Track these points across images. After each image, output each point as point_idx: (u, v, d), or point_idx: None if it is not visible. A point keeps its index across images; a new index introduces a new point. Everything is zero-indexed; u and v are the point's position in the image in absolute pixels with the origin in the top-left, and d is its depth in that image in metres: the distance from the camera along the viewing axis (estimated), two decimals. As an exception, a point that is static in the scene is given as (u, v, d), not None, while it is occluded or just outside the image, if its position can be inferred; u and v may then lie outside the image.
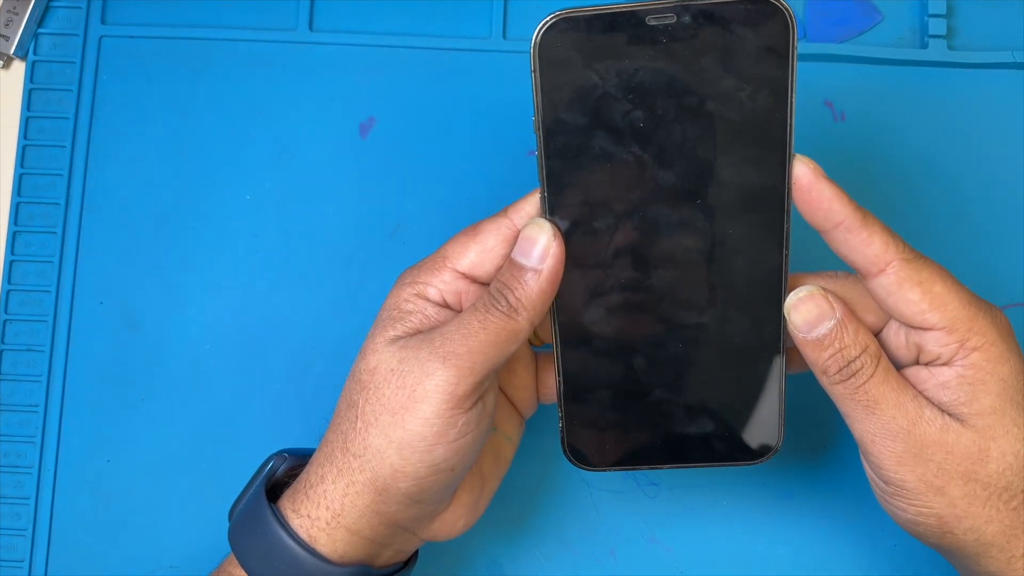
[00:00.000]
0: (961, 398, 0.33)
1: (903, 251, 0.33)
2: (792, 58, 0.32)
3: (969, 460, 0.33)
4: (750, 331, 0.35)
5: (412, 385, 0.33)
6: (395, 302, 0.36)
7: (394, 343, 0.35)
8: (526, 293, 0.33)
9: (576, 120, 0.33)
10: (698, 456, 0.37)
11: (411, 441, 0.33)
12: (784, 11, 0.31)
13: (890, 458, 0.33)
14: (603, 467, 0.37)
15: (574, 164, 0.33)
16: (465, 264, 0.35)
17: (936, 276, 0.33)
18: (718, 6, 0.31)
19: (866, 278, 0.34)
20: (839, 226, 0.33)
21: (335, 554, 0.35)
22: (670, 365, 0.36)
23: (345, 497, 0.35)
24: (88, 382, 0.46)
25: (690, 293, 0.35)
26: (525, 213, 0.35)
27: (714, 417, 0.36)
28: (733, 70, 0.32)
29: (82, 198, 0.47)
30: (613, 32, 0.32)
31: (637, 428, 0.37)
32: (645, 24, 0.31)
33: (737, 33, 0.31)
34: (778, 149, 0.33)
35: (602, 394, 0.36)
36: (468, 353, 0.33)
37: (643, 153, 0.33)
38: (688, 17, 0.31)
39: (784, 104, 0.32)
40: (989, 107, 0.47)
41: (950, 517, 0.33)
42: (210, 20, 0.48)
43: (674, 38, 0.31)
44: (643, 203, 0.34)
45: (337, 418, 0.36)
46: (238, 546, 0.36)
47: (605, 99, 0.32)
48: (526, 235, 0.34)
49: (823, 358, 0.34)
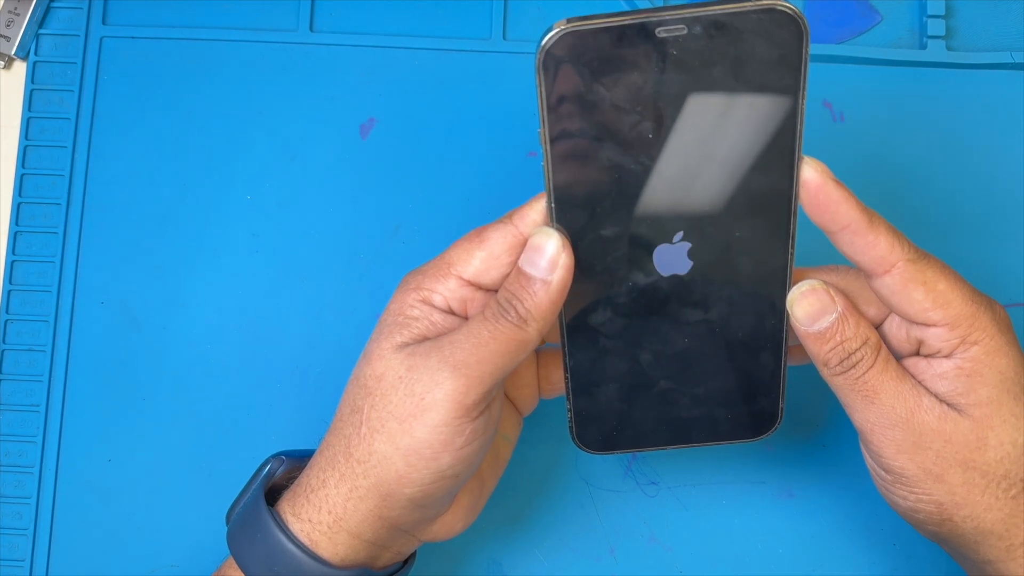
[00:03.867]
0: (959, 388, 0.34)
1: (908, 251, 0.33)
2: (804, 66, 0.31)
3: (967, 448, 0.33)
4: (754, 324, 0.36)
5: (421, 393, 0.33)
6: (400, 308, 0.35)
7: (402, 350, 0.34)
8: (535, 303, 0.33)
9: (583, 131, 0.32)
10: (701, 436, 0.38)
11: (418, 448, 0.33)
12: (798, 20, 0.30)
13: (890, 446, 0.34)
14: (609, 451, 0.38)
15: (581, 173, 0.33)
16: (470, 272, 0.35)
17: (940, 275, 0.33)
18: (731, 16, 0.30)
19: (871, 277, 0.34)
20: (845, 228, 0.33)
21: (336, 557, 0.35)
22: (676, 358, 0.36)
23: (348, 502, 0.35)
24: (89, 382, 0.46)
25: (696, 293, 0.35)
26: (531, 220, 0.34)
27: (718, 401, 0.37)
28: (743, 78, 0.31)
29: (83, 198, 0.47)
30: (621, 44, 0.31)
31: (643, 416, 0.38)
32: (655, 36, 0.30)
33: (749, 42, 0.31)
34: (787, 154, 0.32)
35: (610, 387, 0.37)
36: (478, 363, 0.33)
37: (650, 161, 0.32)
38: (699, 28, 0.30)
39: (794, 110, 0.32)
40: (988, 107, 0.47)
41: (949, 504, 0.34)
42: (211, 21, 0.49)
43: (685, 49, 0.31)
44: (649, 208, 0.33)
45: (339, 422, 0.36)
46: (237, 550, 0.36)
47: (612, 110, 0.32)
48: (534, 244, 0.34)
49: (824, 350, 0.34)
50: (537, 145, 0.33)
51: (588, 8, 0.48)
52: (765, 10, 0.30)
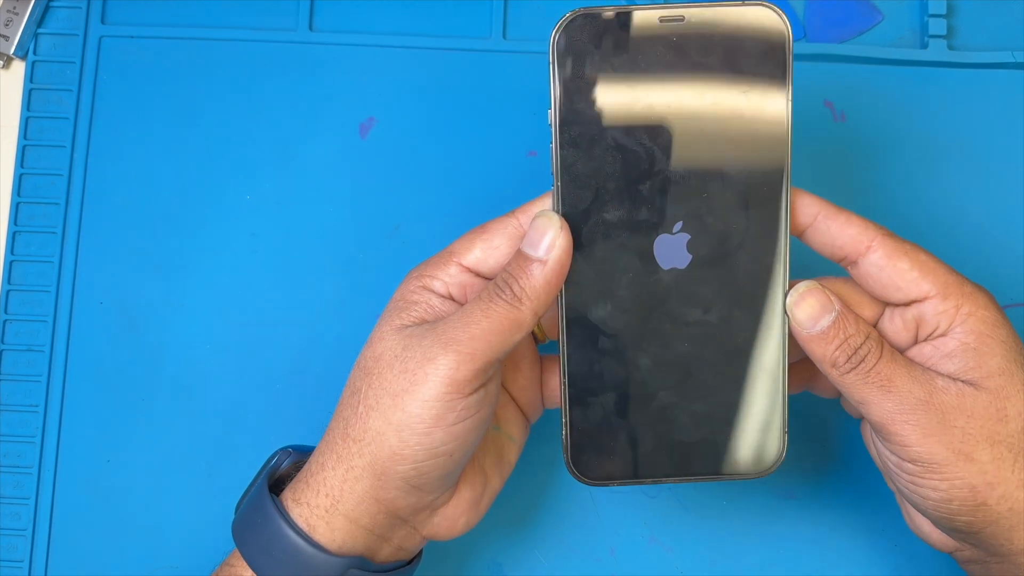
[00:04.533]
0: (969, 364, 0.34)
1: (881, 229, 0.35)
2: (788, 60, 0.34)
3: (991, 420, 0.33)
4: (753, 330, 0.35)
5: (413, 369, 0.34)
6: (401, 294, 0.37)
7: (400, 331, 0.35)
8: (530, 283, 0.34)
9: (591, 113, 0.34)
10: (701, 469, 0.37)
11: (409, 423, 0.34)
12: (779, 17, 0.34)
13: (914, 432, 0.33)
14: (606, 481, 0.37)
15: (587, 156, 0.34)
16: (471, 259, 0.36)
17: (918, 248, 0.35)
18: (718, 12, 0.34)
19: (855, 263, 0.35)
20: (817, 216, 0.35)
21: (333, 544, 0.35)
22: (675, 366, 0.36)
23: (344, 483, 0.35)
24: (88, 382, 0.46)
25: (695, 290, 0.35)
26: (532, 215, 0.35)
27: (719, 424, 0.37)
28: (734, 71, 0.34)
29: (82, 198, 0.47)
30: (628, 29, 0.34)
31: (641, 435, 0.37)
32: (657, 22, 0.34)
33: (738, 35, 0.34)
34: (778, 148, 0.35)
35: (607, 397, 0.36)
36: (469, 339, 0.33)
37: (651, 146, 0.34)
38: (696, 19, 0.34)
39: (782, 105, 0.34)
40: (989, 107, 0.47)
41: (982, 485, 0.33)
42: (210, 20, 0.49)
43: (683, 37, 0.34)
44: (651, 195, 0.35)
45: (340, 406, 0.36)
46: (240, 538, 0.36)
47: (619, 93, 0.34)
48: (534, 225, 0.34)
49: (830, 351, 0.34)
50: (537, 145, 0.34)
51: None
52: (749, 7, 0.34)
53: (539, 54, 0.48)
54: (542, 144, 0.47)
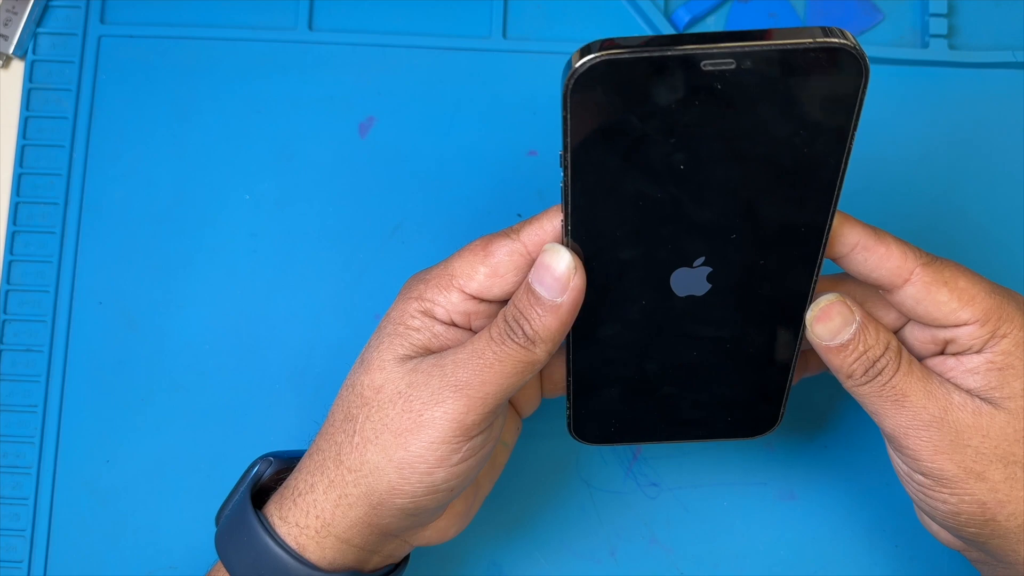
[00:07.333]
0: (992, 383, 0.33)
1: (921, 256, 0.33)
2: (859, 106, 0.29)
3: (1006, 442, 0.33)
4: (767, 340, 0.35)
5: (419, 410, 0.33)
6: (400, 316, 0.35)
7: (403, 363, 0.34)
8: (544, 325, 0.32)
9: (609, 161, 0.30)
10: (700, 433, 0.38)
11: (411, 462, 0.33)
12: (860, 60, 0.28)
13: (926, 448, 0.33)
14: (606, 442, 0.38)
15: (603, 201, 0.31)
16: (474, 287, 0.34)
17: (958, 272, 0.33)
18: (786, 53, 0.27)
19: (891, 292, 0.33)
20: (855, 247, 0.33)
21: (324, 561, 0.35)
22: (684, 369, 0.36)
23: (337, 508, 0.34)
24: (87, 382, 0.46)
25: (711, 313, 0.34)
26: (538, 240, 0.33)
27: (721, 404, 0.37)
28: (791, 116, 0.29)
29: (81, 198, 0.47)
30: (661, 76, 0.28)
31: (644, 415, 0.37)
32: (699, 69, 0.27)
33: (802, 81, 0.28)
34: (827, 191, 0.31)
35: (612, 390, 0.37)
36: (481, 384, 0.32)
37: (679, 193, 0.30)
38: (749, 63, 0.27)
39: (842, 150, 0.30)
40: (990, 107, 0.47)
41: (993, 503, 0.33)
42: (209, 20, 0.48)
43: (731, 84, 0.28)
44: (672, 237, 0.32)
45: (331, 427, 0.35)
46: (225, 553, 0.35)
47: (643, 141, 0.29)
48: (545, 262, 0.32)
49: (848, 363, 0.34)
50: (537, 145, 0.33)
51: (590, 7, 0.49)
52: (825, 49, 0.27)
53: (539, 54, 0.48)
54: (542, 144, 0.47)
